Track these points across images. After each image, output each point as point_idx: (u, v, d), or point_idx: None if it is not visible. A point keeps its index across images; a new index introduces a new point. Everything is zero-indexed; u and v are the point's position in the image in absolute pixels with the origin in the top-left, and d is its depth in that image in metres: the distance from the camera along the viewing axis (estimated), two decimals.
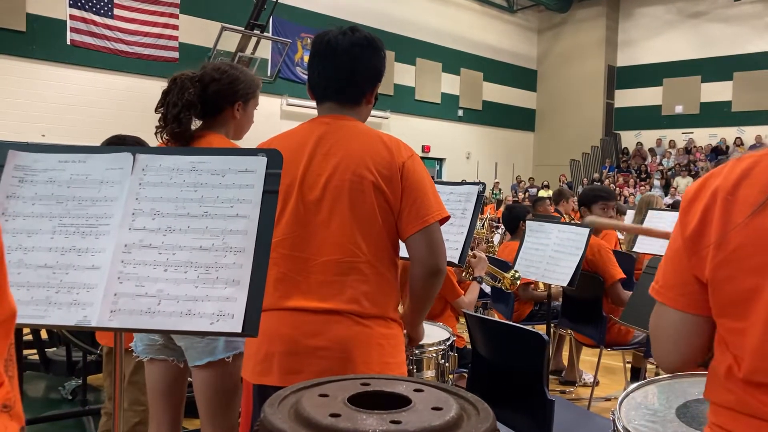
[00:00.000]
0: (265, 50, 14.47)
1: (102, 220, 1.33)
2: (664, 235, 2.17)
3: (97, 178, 1.37)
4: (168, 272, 1.27)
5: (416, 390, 1.03)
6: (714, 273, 1.01)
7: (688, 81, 20.13)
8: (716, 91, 19.81)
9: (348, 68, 1.86)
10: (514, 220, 5.30)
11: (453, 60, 20.58)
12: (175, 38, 14.19)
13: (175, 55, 14.09)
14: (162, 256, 1.29)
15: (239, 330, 1.21)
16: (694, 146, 20.18)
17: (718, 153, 19.40)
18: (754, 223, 0.97)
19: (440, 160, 20.92)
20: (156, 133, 2.16)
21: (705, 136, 20.18)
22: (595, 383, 4.28)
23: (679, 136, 20.71)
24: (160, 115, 2.11)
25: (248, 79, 2.28)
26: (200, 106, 2.15)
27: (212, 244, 1.29)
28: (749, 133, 19.09)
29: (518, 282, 3.94)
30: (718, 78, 19.67)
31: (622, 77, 22.02)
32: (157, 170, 1.37)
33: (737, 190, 1.00)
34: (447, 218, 1.82)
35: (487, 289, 5.28)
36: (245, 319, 1.21)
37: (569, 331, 4.58)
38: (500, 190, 19.89)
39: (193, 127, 2.17)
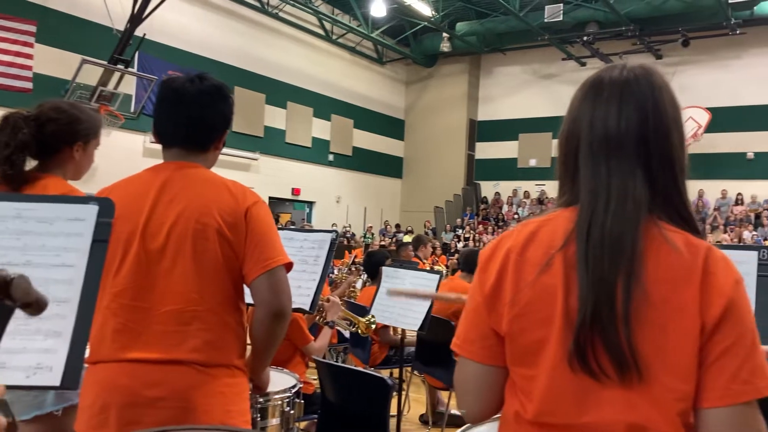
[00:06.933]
0: (129, 86, 13.98)
1: None
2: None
3: None
4: None
5: None
6: (510, 326, 1.12)
7: (541, 136, 21.60)
8: None
9: (196, 116, 1.86)
10: (374, 266, 5.41)
11: (324, 106, 20.92)
12: (29, 68, 13.35)
13: (29, 85, 13.24)
14: None
15: (58, 383, 1.17)
16: (546, 197, 21.69)
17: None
18: (540, 281, 1.10)
19: (310, 203, 20.99)
20: None
21: (556, 188, 21.72)
22: (445, 425, 4.44)
23: (532, 187, 22.16)
24: None
25: (89, 119, 2.22)
26: (36, 147, 2.07)
27: None
28: None
29: (374, 326, 4.03)
30: None
31: (482, 131, 23.37)
32: None
33: (526, 251, 1.14)
34: (291, 265, 1.85)
35: (347, 334, 5.35)
36: (65, 372, 1.18)
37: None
38: (373, 234, 20.24)
39: (28, 167, 2.08)
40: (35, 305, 0.84)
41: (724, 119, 18.07)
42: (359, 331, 4.03)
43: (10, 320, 0.83)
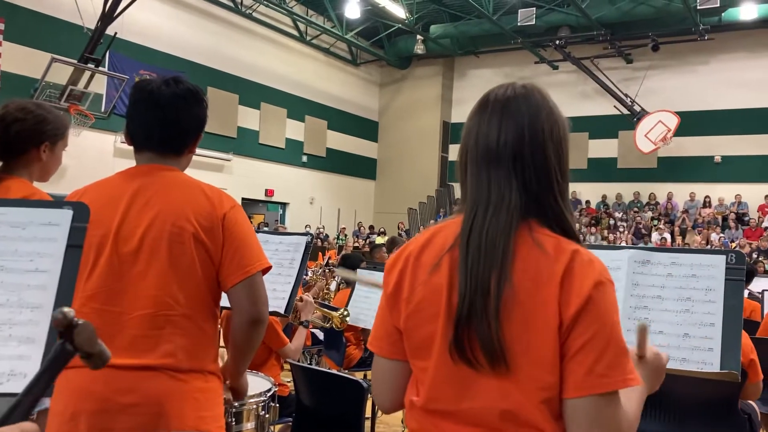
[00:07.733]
0: (99, 85, 13.77)
1: None
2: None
3: None
4: None
5: None
6: (406, 323, 1.24)
7: None
8: None
9: (171, 119, 1.85)
10: (348, 269, 5.41)
11: (298, 107, 20.84)
12: None
13: None
14: None
15: None
16: None
17: None
18: (431, 281, 1.21)
19: (284, 205, 20.90)
20: None
21: None
22: None
23: None
24: None
25: (56, 120, 2.20)
26: (1, 148, 2.04)
27: (7, 299, 1.23)
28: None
29: (348, 319, 4.01)
30: None
31: (455, 133, 23.47)
32: None
33: (422, 255, 1.25)
34: (269, 268, 1.85)
35: (321, 336, 5.34)
36: None
37: None
38: (346, 235, 20.21)
39: None
40: (96, 357, 0.82)
41: (692, 123, 18.38)
42: (334, 326, 4.00)
43: (65, 366, 0.81)
